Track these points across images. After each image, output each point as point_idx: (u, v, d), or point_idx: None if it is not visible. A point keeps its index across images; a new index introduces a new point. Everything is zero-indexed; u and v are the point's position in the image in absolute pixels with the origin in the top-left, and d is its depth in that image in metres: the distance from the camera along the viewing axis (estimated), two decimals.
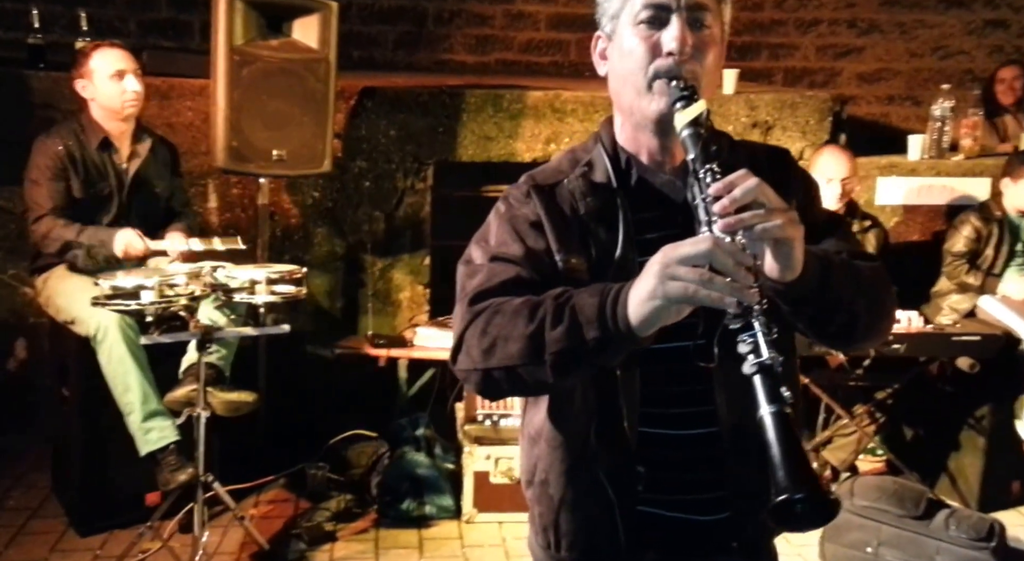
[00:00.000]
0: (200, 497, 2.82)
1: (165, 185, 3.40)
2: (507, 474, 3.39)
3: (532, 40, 5.63)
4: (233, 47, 3.27)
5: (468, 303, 1.27)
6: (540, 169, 1.42)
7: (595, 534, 1.37)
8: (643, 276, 1.14)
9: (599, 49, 1.38)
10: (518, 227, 1.33)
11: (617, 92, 1.35)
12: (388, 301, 4.18)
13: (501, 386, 1.25)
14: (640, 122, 1.33)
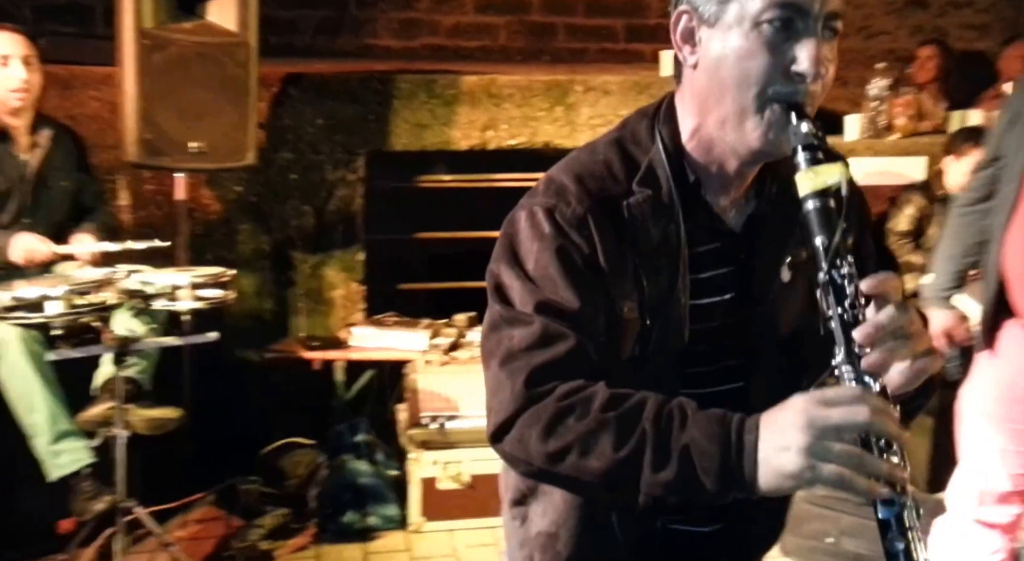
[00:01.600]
0: (120, 523, 2.57)
1: (72, 180, 3.11)
2: (456, 479, 3.23)
3: (460, 24, 5.44)
4: (142, 31, 3.00)
5: (525, 383, 1.05)
6: (586, 169, 1.14)
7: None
8: (778, 434, 0.93)
9: (684, 28, 1.10)
10: (569, 264, 1.09)
11: (708, 96, 1.09)
12: (320, 300, 3.95)
13: (557, 485, 1.12)
14: (729, 141, 1.09)
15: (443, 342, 3.68)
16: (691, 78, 1.12)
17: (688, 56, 1.11)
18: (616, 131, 1.20)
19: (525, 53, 5.40)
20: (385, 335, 3.74)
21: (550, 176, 1.17)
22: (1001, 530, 2.24)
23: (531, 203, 1.14)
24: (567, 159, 1.19)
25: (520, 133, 4.04)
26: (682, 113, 1.16)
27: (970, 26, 5.79)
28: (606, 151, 1.16)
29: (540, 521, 1.26)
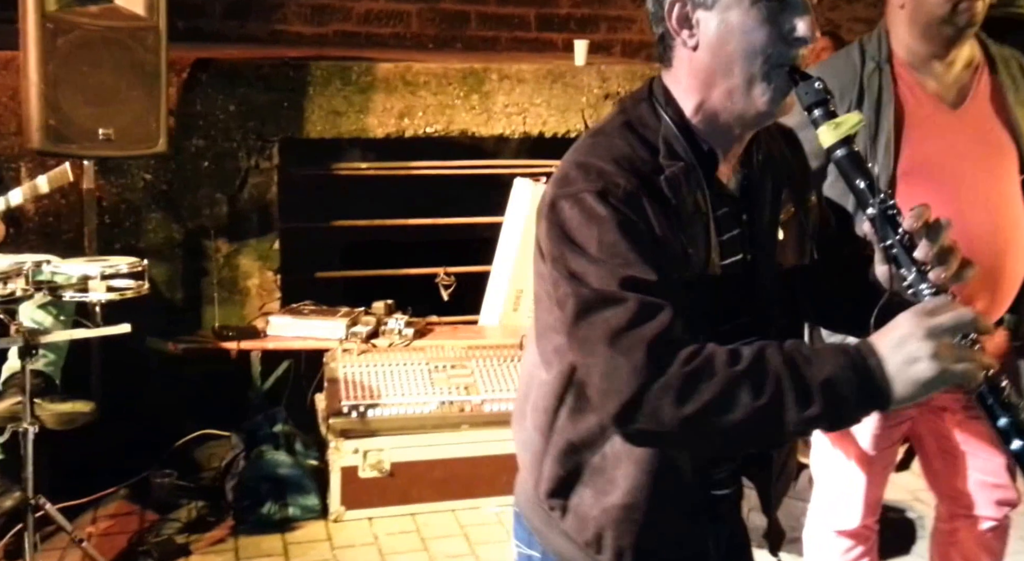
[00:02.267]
0: (30, 521, 2.51)
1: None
2: (377, 467, 3.24)
3: (371, 11, 5.41)
4: (45, 14, 2.91)
5: (645, 357, 1.08)
6: (616, 151, 1.19)
7: (683, 546, 1.33)
8: (900, 349, 1.04)
9: (680, 14, 1.20)
10: (636, 238, 1.13)
11: (714, 71, 1.19)
12: (235, 290, 3.90)
13: (690, 447, 1.18)
14: (737, 110, 1.20)
15: (362, 330, 3.68)
16: (689, 59, 1.21)
17: (688, 39, 1.20)
18: (618, 117, 1.25)
19: (437, 40, 5.41)
20: (302, 324, 3.71)
21: (578, 163, 1.19)
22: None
23: (572, 191, 1.16)
24: (583, 146, 1.23)
25: (436, 121, 4.05)
26: (680, 92, 1.23)
27: (860, 19, 6.05)
28: (621, 134, 1.22)
29: (607, 498, 1.27)
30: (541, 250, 1.24)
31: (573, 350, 1.15)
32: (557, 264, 1.16)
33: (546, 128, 4.16)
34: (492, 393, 3.46)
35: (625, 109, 1.26)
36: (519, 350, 3.69)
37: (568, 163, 1.21)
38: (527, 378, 1.37)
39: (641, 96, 1.27)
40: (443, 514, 3.31)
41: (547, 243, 1.18)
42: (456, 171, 4.25)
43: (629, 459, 1.24)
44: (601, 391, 1.11)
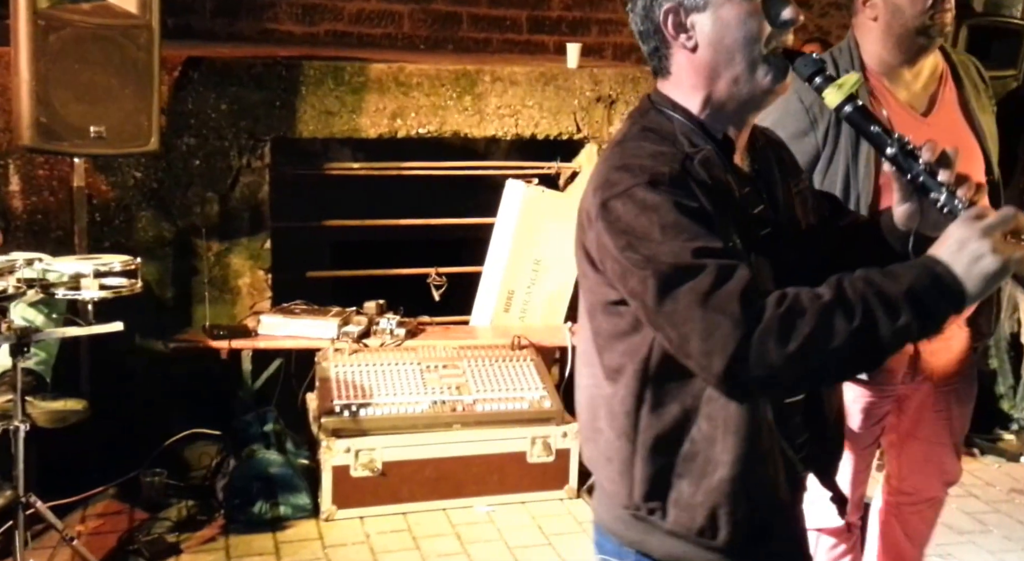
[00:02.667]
0: (21, 520, 2.50)
1: None
2: (368, 466, 3.25)
3: (363, 11, 5.40)
4: (37, 11, 2.90)
5: (740, 309, 1.14)
6: (649, 148, 1.27)
7: (783, 511, 1.38)
8: (961, 252, 1.15)
9: (674, 23, 1.30)
10: (693, 215, 1.21)
11: (717, 64, 1.30)
12: (226, 288, 3.88)
13: (800, 385, 1.25)
14: (743, 94, 1.31)
15: (353, 330, 3.68)
16: (689, 59, 1.31)
17: (686, 42, 1.30)
18: (632, 127, 1.34)
19: (429, 42, 5.41)
20: (294, 323, 3.71)
21: (616, 166, 1.26)
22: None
23: (620, 189, 1.23)
24: (612, 155, 1.30)
25: (429, 122, 4.06)
26: (684, 94, 1.34)
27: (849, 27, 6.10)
28: (643, 137, 1.30)
29: (711, 478, 1.29)
30: (591, 259, 1.29)
31: (664, 327, 1.20)
32: (623, 258, 1.22)
33: (538, 130, 4.17)
34: (483, 393, 3.47)
35: (635, 120, 1.35)
36: (510, 350, 3.70)
37: (604, 171, 1.28)
38: (588, 401, 1.40)
39: (645, 108, 1.37)
40: (434, 513, 3.31)
41: (607, 243, 1.23)
42: (448, 172, 4.26)
43: (726, 432, 1.29)
44: (704, 353, 1.16)
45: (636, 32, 1.36)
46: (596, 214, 1.25)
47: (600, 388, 1.36)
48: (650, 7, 1.32)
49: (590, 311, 1.35)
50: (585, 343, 1.41)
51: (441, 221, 4.32)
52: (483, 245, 4.17)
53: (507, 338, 3.77)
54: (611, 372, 1.33)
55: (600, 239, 1.25)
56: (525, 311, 4.12)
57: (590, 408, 1.40)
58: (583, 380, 1.42)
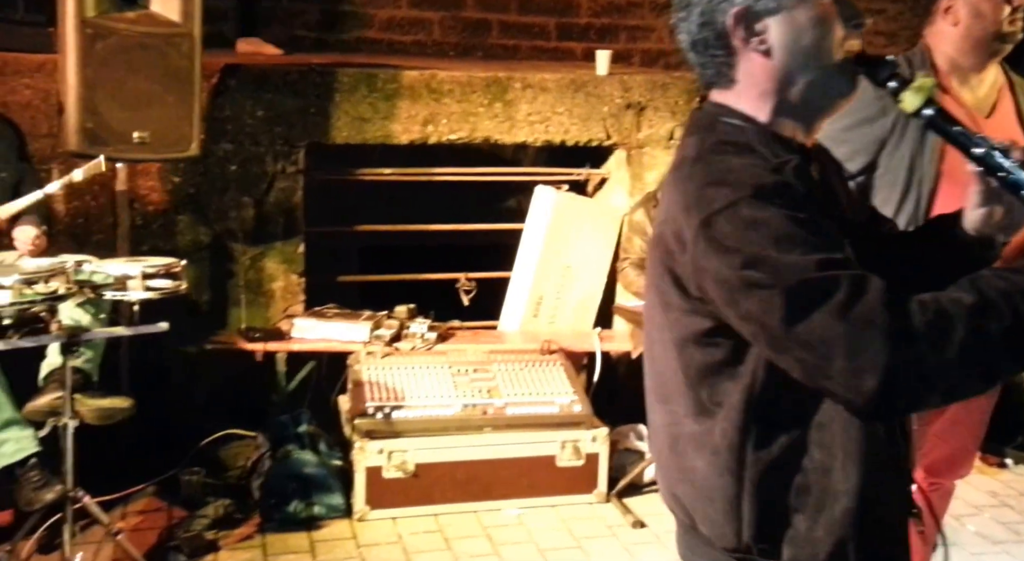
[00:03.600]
0: (69, 513, 2.56)
1: (12, 170, 3.06)
2: (401, 467, 3.29)
3: (394, 18, 5.47)
4: (85, 20, 2.97)
5: (887, 323, 1.06)
6: (740, 162, 1.19)
7: (900, 537, 1.31)
8: None
9: (746, 27, 1.22)
10: (806, 225, 1.13)
11: (790, 68, 1.23)
12: (260, 292, 3.95)
13: (960, 392, 1.14)
14: (818, 100, 1.26)
15: (385, 333, 3.73)
16: (761, 66, 1.24)
17: (758, 46, 1.23)
18: (704, 141, 1.25)
19: (459, 49, 5.46)
20: (326, 326, 3.77)
21: (707, 183, 1.18)
22: None
23: (720, 206, 1.14)
24: (699, 171, 1.21)
25: (460, 128, 4.11)
26: (751, 103, 1.27)
27: (880, 32, 6.11)
28: (725, 151, 1.22)
29: (831, 510, 1.22)
30: (683, 286, 1.19)
31: (794, 350, 1.10)
32: (735, 279, 1.12)
33: (568, 136, 4.22)
34: (514, 397, 3.51)
35: (703, 134, 1.27)
36: (540, 355, 3.74)
37: (693, 189, 1.19)
38: (670, 440, 1.30)
39: (709, 121, 1.28)
40: (465, 515, 3.35)
41: (710, 265, 1.14)
42: (478, 178, 4.31)
43: (845, 460, 1.21)
44: (852, 371, 1.07)
45: (688, 42, 1.28)
46: (695, 235, 1.15)
47: (683, 425, 1.26)
48: (712, 13, 1.23)
49: (678, 344, 1.24)
50: (662, 379, 1.30)
51: (471, 226, 4.37)
52: (512, 250, 4.22)
53: (536, 343, 3.81)
54: (706, 407, 1.24)
55: (700, 261, 1.15)
56: (554, 316, 4.16)
57: (674, 447, 1.29)
58: (659, 418, 1.32)
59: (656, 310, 1.28)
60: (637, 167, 4.29)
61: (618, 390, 4.07)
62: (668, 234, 1.21)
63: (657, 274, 1.25)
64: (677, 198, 1.21)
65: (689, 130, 1.31)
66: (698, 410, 1.25)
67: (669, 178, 1.28)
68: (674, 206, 1.21)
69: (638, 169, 4.29)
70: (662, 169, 4.27)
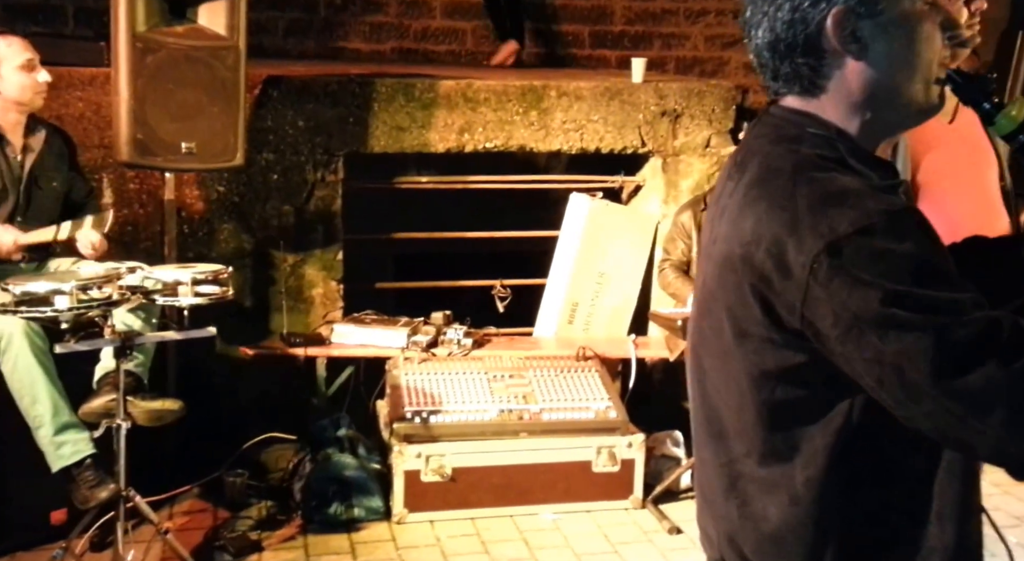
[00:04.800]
0: (122, 512, 2.65)
1: (63, 179, 3.17)
2: (439, 472, 3.34)
3: (428, 28, 5.55)
4: (135, 34, 3.07)
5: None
6: (847, 185, 1.06)
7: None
8: None
9: (847, 30, 1.09)
10: (941, 255, 1.04)
11: (890, 82, 1.11)
12: (300, 298, 4.04)
13: None
14: (911, 115, 1.15)
15: (422, 339, 3.80)
16: (858, 73, 1.12)
17: (857, 52, 1.11)
18: (794, 153, 1.12)
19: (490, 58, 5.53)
20: (365, 332, 3.84)
21: (824, 201, 1.04)
22: None
23: (848, 233, 1.00)
24: (803, 187, 1.06)
25: (496, 136, 4.17)
26: (839, 113, 1.14)
27: None
28: (826, 167, 1.09)
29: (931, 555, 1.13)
30: (776, 316, 1.06)
31: (941, 399, 0.98)
32: (870, 318, 0.99)
33: (603, 144, 4.26)
34: (549, 403, 3.55)
35: (788, 146, 1.13)
36: (575, 361, 3.77)
37: (804, 209, 1.04)
38: (726, 482, 1.18)
39: (794, 131, 1.14)
40: (502, 519, 3.40)
41: (837, 300, 1.00)
42: (513, 186, 4.36)
43: (941, 515, 1.12)
44: (1012, 426, 0.98)
45: (767, 42, 1.13)
46: (813, 261, 1.01)
47: (745, 465, 1.15)
48: (806, 10, 1.10)
49: (752, 379, 1.11)
50: (717, 414, 1.19)
51: (506, 234, 4.43)
52: (547, 258, 4.27)
53: (571, 349, 3.85)
54: (778, 449, 1.12)
55: (816, 292, 1.01)
56: (589, 323, 4.20)
57: (732, 490, 1.17)
58: (711, 455, 1.20)
59: (721, 338, 1.14)
60: (672, 175, 4.32)
61: (653, 396, 4.10)
62: (760, 257, 1.05)
63: (733, 299, 1.10)
64: (770, 217, 1.06)
65: (769, 138, 1.15)
66: (767, 452, 1.12)
67: (744, 193, 1.12)
68: (767, 227, 1.06)
69: (673, 176, 4.32)
70: (697, 177, 4.30)
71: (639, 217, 4.33)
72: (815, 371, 1.07)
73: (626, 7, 5.58)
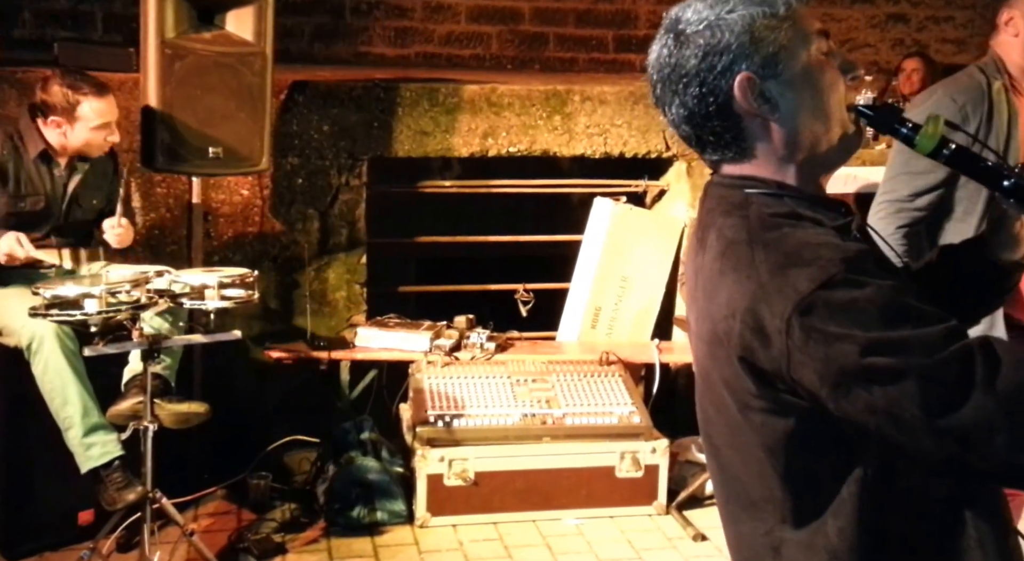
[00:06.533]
0: (148, 514, 2.68)
1: (103, 196, 3.21)
2: (462, 475, 3.35)
3: (452, 32, 5.57)
4: (164, 40, 3.11)
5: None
6: (803, 241, 1.08)
7: None
8: None
9: (757, 93, 1.14)
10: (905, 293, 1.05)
11: (807, 132, 1.16)
12: (324, 302, 4.06)
13: None
14: (835, 155, 1.19)
15: (445, 343, 3.80)
16: (775, 131, 1.16)
17: (768, 113, 1.15)
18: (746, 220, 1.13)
19: (516, 62, 5.54)
20: (388, 336, 3.85)
21: (788, 264, 1.05)
22: None
23: (810, 290, 1.02)
24: (760, 255, 1.08)
25: (520, 141, 4.17)
26: (772, 170, 1.18)
27: (949, 40, 6.02)
28: (779, 224, 1.11)
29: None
30: (766, 379, 1.07)
31: (941, 435, 0.99)
32: (852, 371, 1.00)
33: (627, 148, 4.25)
34: (572, 407, 3.54)
35: (740, 213, 1.14)
36: (599, 366, 3.76)
37: (765, 275, 1.06)
38: (767, 551, 1.17)
39: (738, 197, 1.17)
40: (524, 524, 3.40)
41: (815, 360, 1.01)
42: (536, 190, 4.36)
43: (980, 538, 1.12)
44: (1015, 449, 0.99)
45: (681, 117, 1.18)
46: (785, 326, 1.02)
47: (783, 531, 1.14)
48: (712, 85, 1.13)
49: (767, 450, 1.11)
50: (741, 487, 1.18)
51: (529, 238, 4.43)
52: (570, 262, 4.26)
53: (595, 354, 3.84)
54: (810, 508, 1.11)
55: (796, 356, 1.02)
56: (612, 327, 4.19)
57: (778, 556, 1.16)
58: (747, 528, 1.19)
59: (726, 413, 1.15)
60: (698, 178, 4.30)
61: (677, 401, 4.08)
62: (739, 329, 1.07)
63: (728, 374, 1.11)
64: (739, 289, 1.08)
65: (719, 210, 1.17)
66: (799, 513, 1.13)
67: (710, 268, 1.14)
68: (739, 298, 1.07)
69: (699, 180, 4.30)
70: None
71: (663, 221, 4.31)
72: (823, 429, 1.07)
73: (650, 11, 5.57)
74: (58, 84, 2.94)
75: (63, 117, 2.94)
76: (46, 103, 2.94)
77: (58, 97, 2.92)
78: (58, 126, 2.96)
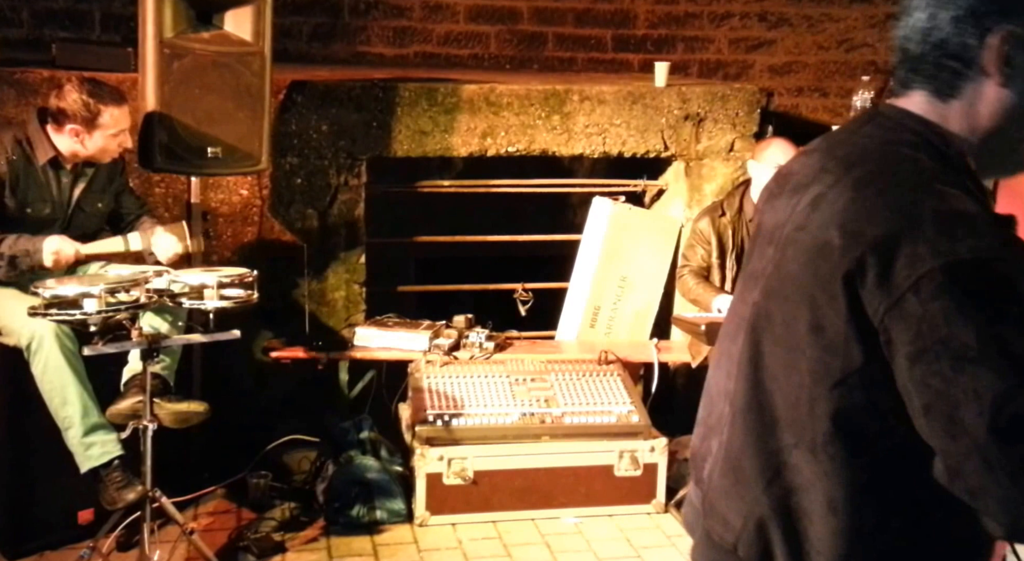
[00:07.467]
0: (148, 513, 2.68)
1: (108, 200, 3.21)
2: (460, 475, 3.35)
3: (451, 32, 5.56)
4: (163, 40, 3.10)
5: None
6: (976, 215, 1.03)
7: None
8: None
9: (1003, 54, 1.08)
10: None
11: (1018, 119, 1.10)
12: (323, 301, 4.06)
13: None
14: (1017, 161, 1.16)
15: (444, 343, 3.81)
16: (995, 95, 1.10)
17: (1005, 75, 1.09)
18: (922, 160, 1.09)
19: (515, 61, 5.54)
20: (387, 336, 3.86)
21: (953, 221, 1.01)
22: None
23: (970, 259, 0.99)
24: (932, 199, 1.03)
25: (519, 140, 4.18)
26: (965, 124, 1.12)
27: None
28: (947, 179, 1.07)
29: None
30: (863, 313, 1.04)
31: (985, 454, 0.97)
32: (949, 351, 0.97)
33: (625, 148, 4.26)
34: (571, 406, 3.55)
35: (916, 152, 1.10)
36: (597, 365, 3.77)
37: (926, 218, 1.01)
38: (767, 471, 1.16)
39: (916, 137, 1.11)
40: (523, 523, 3.40)
41: (921, 323, 0.98)
42: (535, 190, 4.37)
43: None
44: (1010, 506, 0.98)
45: (924, 30, 1.11)
46: (917, 276, 0.98)
47: (791, 455, 1.14)
48: (980, 17, 1.07)
49: (818, 376, 1.09)
50: (772, 400, 1.15)
51: (528, 238, 4.43)
52: (569, 261, 4.27)
53: (593, 353, 3.85)
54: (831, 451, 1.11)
55: (909, 305, 0.99)
56: (611, 327, 4.20)
57: (777, 478, 1.15)
58: (755, 441, 1.17)
59: (792, 327, 1.11)
60: (696, 178, 4.31)
61: (676, 400, 4.09)
62: (863, 250, 1.03)
63: (820, 290, 1.07)
64: (891, 218, 1.03)
65: (883, 139, 1.13)
66: (818, 448, 1.10)
67: (860, 187, 1.08)
68: (884, 224, 1.03)
69: (696, 180, 4.31)
70: (721, 181, 4.28)
71: (661, 221, 4.32)
72: (879, 378, 1.05)
73: (649, 10, 5.56)
74: (77, 92, 2.91)
75: (82, 125, 2.92)
76: (63, 111, 2.91)
77: (78, 106, 2.89)
78: (76, 135, 2.94)
